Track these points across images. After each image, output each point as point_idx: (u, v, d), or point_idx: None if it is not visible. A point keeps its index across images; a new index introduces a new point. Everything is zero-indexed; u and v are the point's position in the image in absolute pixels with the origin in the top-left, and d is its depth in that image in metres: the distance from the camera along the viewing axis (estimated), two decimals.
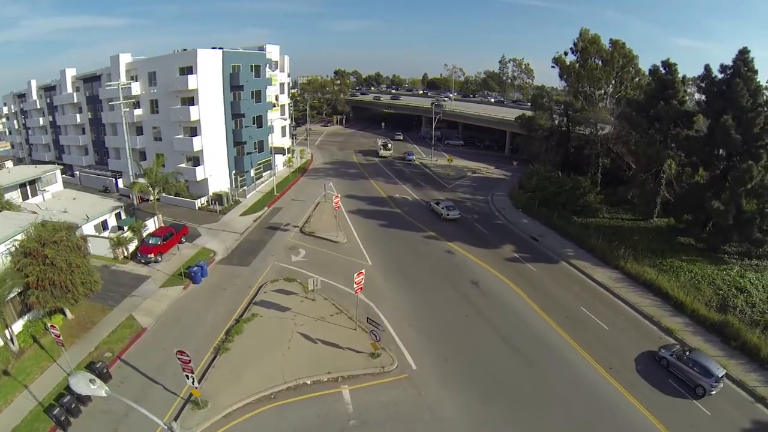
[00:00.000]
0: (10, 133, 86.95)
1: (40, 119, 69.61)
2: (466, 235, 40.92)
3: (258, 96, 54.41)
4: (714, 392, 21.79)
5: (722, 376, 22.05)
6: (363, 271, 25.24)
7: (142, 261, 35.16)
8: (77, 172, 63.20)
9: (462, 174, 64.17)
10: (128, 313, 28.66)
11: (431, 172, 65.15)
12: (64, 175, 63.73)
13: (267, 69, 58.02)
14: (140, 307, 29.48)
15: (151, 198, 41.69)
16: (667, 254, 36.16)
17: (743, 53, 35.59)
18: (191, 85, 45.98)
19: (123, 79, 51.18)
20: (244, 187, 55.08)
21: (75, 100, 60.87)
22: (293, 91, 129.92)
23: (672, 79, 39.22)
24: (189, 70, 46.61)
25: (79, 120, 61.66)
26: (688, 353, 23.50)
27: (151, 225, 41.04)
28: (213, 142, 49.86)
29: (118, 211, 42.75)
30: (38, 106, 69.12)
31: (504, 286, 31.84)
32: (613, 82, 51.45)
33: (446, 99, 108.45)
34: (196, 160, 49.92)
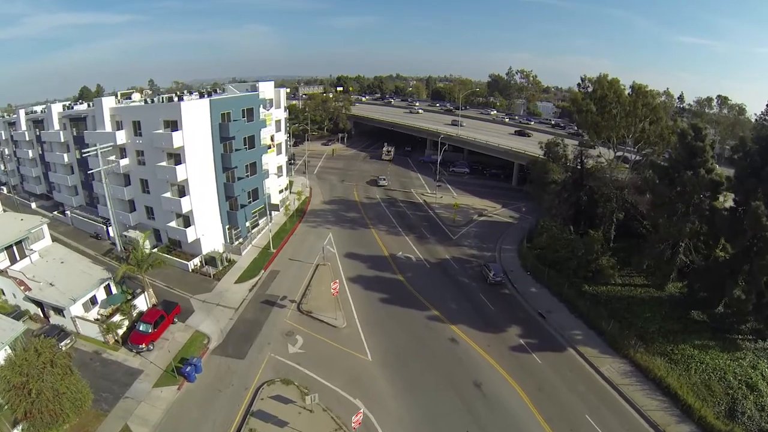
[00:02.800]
0: (1, 158, 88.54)
1: (30, 152, 71.16)
2: (471, 313, 41.82)
3: (251, 141, 55.13)
4: (494, 281, 47.11)
5: (498, 276, 47.56)
6: (361, 411, 26.37)
7: (134, 350, 36.53)
8: (68, 212, 65.09)
9: (468, 218, 65.10)
10: (123, 422, 29.91)
11: (435, 216, 66.20)
12: (55, 212, 66.40)
13: (261, 109, 58.82)
14: (135, 413, 30.70)
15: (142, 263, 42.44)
16: (679, 338, 37.05)
17: None
18: (176, 143, 46.26)
19: (108, 125, 52.21)
20: (240, 240, 56.37)
21: (62, 139, 62.08)
22: (294, 102, 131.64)
23: (702, 147, 38.48)
24: (174, 125, 46.98)
25: (66, 160, 62.92)
26: (488, 263, 49.70)
27: (142, 301, 42.43)
28: (204, 199, 50.63)
29: (107, 283, 43.94)
30: (27, 138, 70.45)
31: (508, 388, 32.76)
32: (633, 130, 51.58)
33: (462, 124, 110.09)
34: (186, 219, 50.96)
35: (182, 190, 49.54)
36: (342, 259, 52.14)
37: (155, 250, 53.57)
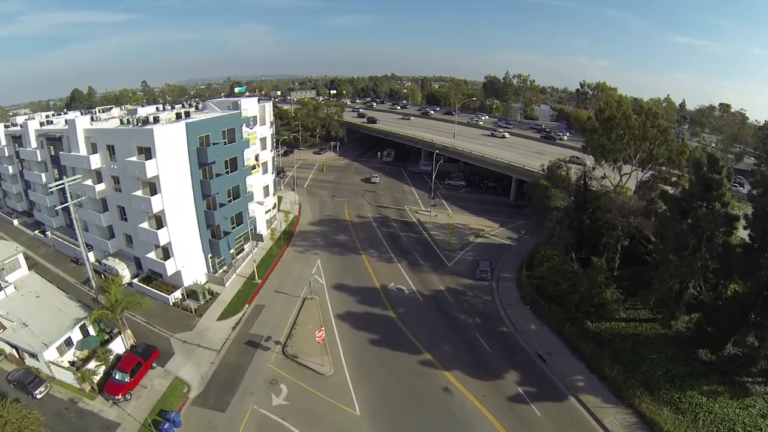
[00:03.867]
0: None
1: (10, 168, 69.65)
2: (466, 357, 40.30)
3: (233, 164, 53.34)
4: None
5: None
6: None
7: (110, 400, 35.41)
8: (49, 233, 64.00)
9: (464, 241, 63.77)
10: None
11: (430, 239, 64.77)
12: (36, 231, 65.91)
13: (244, 128, 57.15)
14: None
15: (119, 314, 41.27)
16: (687, 383, 35.91)
17: None
18: (150, 173, 44.49)
19: (82, 147, 50.51)
20: (224, 268, 54.96)
21: (39, 159, 60.51)
22: (286, 107, 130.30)
23: (718, 180, 36.67)
24: (147, 152, 45.14)
25: (44, 180, 61.22)
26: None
27: (119, 343, 41.27)
28: (183, 229, 49.20)
29: (82, 323, 42.64)
30: (6, 154, 68.79)
31: None
32: (641, 153, 50.28)
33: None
34: (165, 250, 49.51)
35: (159, 221, 48.08)
36: (330, 291, 50.70)
37: (136, 279, 52.46)
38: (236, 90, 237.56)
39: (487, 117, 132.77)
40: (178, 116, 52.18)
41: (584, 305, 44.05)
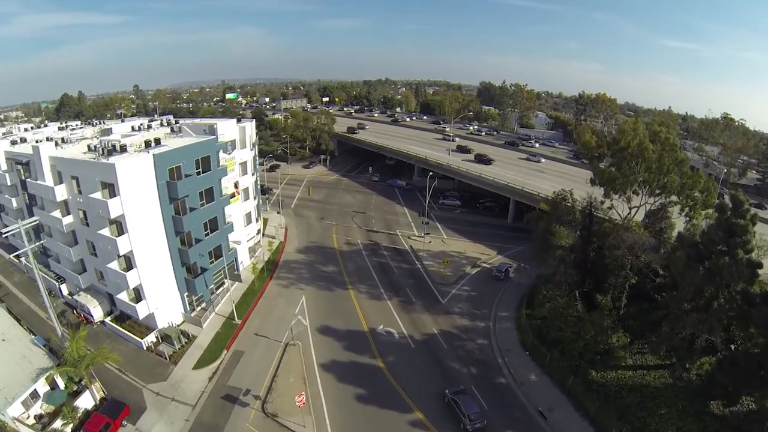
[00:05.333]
0: None
1: None
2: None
3: (209, 195, 50.73)
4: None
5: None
6: None
7: None
8: (23, 260, 61.76)
9: (459, 272, 61.64)
10: None
11: (423, 270, 62.47)
12: (11, 256, 64.89)
13: (221, 154, 54.74)
14: None
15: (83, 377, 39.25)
16: None
17: None
18: (114, 213, 41.67)
19: (48, 176, 48.06)
20: (202, 305, 52.66)
21: (8, 182, 57.89)
22: (275, 116, 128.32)
23: (744, 226, 34.26)
24: (111, 189, 42.42)
25: (15, 204, 58.98)
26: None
27: (87, 398, 39.16)
28: (155, 269, 46.67)
29: (49, 373, 40.34)
30: None
31: None
32: (653, 183, 48.50)
33: None
34: (137, 292, 47.15)
35: (129, 262, 45.66)
36: (315, 335, 48.17)
37: (108, 318, 50.26)
38: (228, 96, 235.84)
39: (476, 125, 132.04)
40: (147, 144, 48.98)
41: (588, 353, 41.90)
